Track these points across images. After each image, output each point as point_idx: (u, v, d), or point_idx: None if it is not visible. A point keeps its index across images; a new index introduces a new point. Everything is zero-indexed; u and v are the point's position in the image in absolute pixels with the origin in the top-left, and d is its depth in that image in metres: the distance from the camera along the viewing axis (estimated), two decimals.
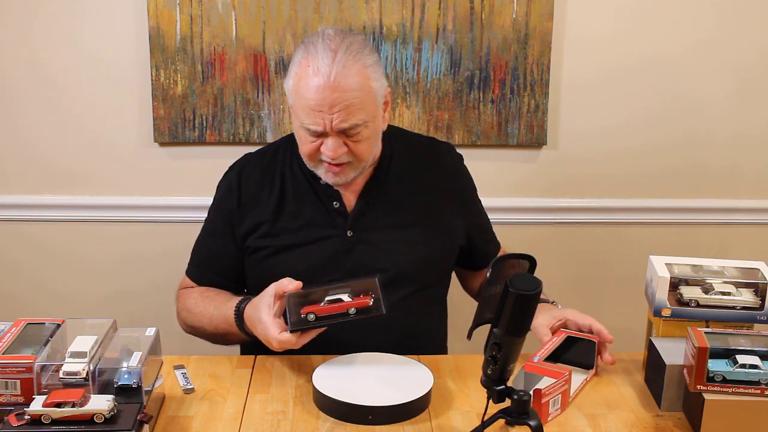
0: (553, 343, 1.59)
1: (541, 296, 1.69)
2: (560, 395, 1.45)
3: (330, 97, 1.58)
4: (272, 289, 1.54)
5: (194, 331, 1.78)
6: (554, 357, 1.57)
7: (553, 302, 1.75)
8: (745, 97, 2.33)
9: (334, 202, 1.75)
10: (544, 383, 1.43)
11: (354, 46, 1.61)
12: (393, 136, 1.81)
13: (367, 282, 1.55)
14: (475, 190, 1.90)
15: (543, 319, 1.65)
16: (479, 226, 1.90)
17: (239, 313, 1.64)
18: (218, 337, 1.74)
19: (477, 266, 1.92)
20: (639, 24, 2.26)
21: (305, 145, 1.67)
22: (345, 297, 1.53)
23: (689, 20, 2.27)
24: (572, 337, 1.62)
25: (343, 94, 1.58)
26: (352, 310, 1.52)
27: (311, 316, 1.50)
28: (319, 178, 1.75)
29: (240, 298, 1.67)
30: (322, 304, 1.51)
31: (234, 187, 1.79)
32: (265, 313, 1.53)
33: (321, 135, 1.63)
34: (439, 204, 1.80)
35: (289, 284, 1.53)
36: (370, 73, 1.62)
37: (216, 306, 1.72)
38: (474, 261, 1.90)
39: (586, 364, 1.61)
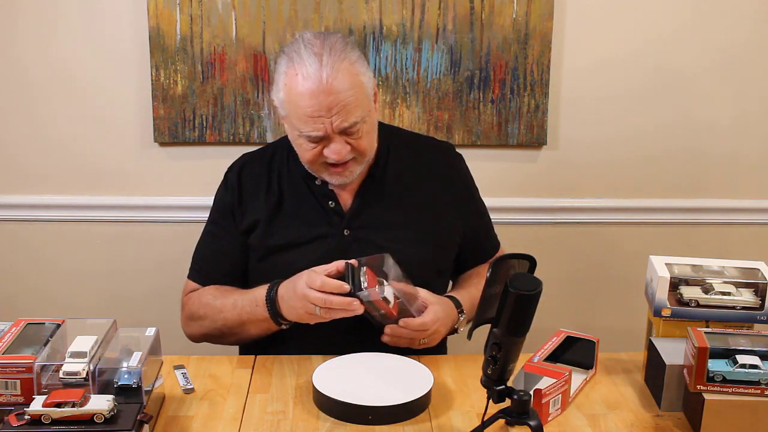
0: (553, 343, 1.59)
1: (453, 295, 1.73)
2: (560, 395, 1.45)
3: (326, 101, 1.58)
4: (322, 266, 1.57)
5: (212, 325, 1.74)
6: (554, 357, 1.57)
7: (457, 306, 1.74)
8: (745, 97, 2.33)
9: (330, 202, 1.75)
10: (544, 383, 1.43)
11: (337, 46, 1.61)
12: (389, 134, 1.82)
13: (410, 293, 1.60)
14: (476, 189, 1.89)
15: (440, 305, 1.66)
16: (479, 225, 1.89)
17: (272, 289, 1.64)
18: (237, 327, 1.71)
19: (470, 264, 1.90)
20: (639, 24, 2.26)
21: (306, 153, 1.67)
22: (392, 300, 1.56)
23: (691, 19, 2.27)
24: (572, 337, 1.62)
25: (338, 95, 1.58)
26: (381, 313, 1.56)
27: (365, 293, 1.52)
28: (314, 179, 1.75)
29: (275, 281, 1.67)
30: (380, 296, 1.53)
31: (234, 185, 1.80)
32: (308, 271, 1.57)
33: (322, 140, 1.63)
34: (436, 202, 1.80)
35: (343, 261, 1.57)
36: (358, 69, 1.63)
37: (241, 293, 1.71)
38: (470, 260, 1.89)
39: (586, 364, 1.61)
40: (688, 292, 1.56)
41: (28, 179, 2.31)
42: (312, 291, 1.54)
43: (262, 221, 1.76)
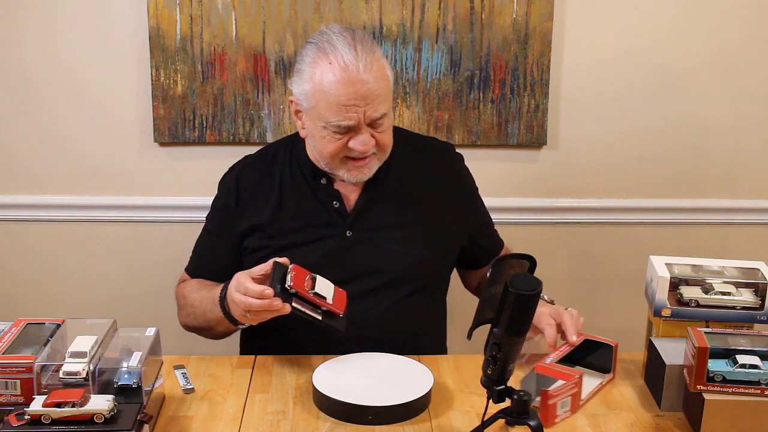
0: (568, 346, 1.58)
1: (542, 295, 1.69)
2: (570, 398, 1.44)
3: (362, 90, 1.58)
4: (262, 264, 1.54)
5: (188, 318, 1.77)
6: (572, 360, 1.56)
7: (551, 301, 1.74)
8: (745, 97, 2.33)
9: (334, 202, 1.74)
10: (553, 385, 1.42)
11: (366, 40, 1.63)
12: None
13: (341, 294, 1.57)
14: (476, 188, 1.90)
15: (547, 308, 1.63)
16: (481, 225, 1.90)
17: (222, 291, 1.63)
18: (205, 324, 1.72)
19: (479, 264, 1.92)
20: (639, 23, 2.26)
21: (331, 145, 1.65)
22: (329, 298, 1.53)
23: (691, 21, 2.26)
24: (590, 340, 1.62)
25: (373, 84, 1.60)
26: (322, 311, 1.52)
27: (293, 291, 1.49)
28: (319, 179, 1.75)
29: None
30: (310, 292, 1.51)
31: (232, 188, 1.79)
32: (243, 272, 1.55)
33: (349, 131, 1.63)
34: (439, 203, 1.80)
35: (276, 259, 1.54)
36: (385, 63, 1.65)
37: (209, 289, 1.71)
38: (476, 259, 1.90)
39: (604, 368, 1.60)
40: (688, 292, 1.56)
41: (29, 179, 2.30)
42: (237, 295, 1.52)
43: (263, 223, 1.75)
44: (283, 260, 1.54)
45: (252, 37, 2.19)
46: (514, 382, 1.38)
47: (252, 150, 1.89)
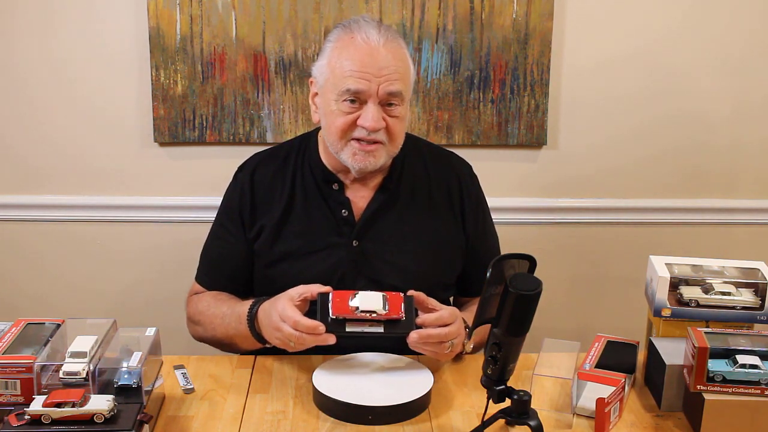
0: (596, 348, 1.57)
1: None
2: (618, 403, 1.43)
3: (379, 59, 1.59)
4: (301, 288, 1.50)
5: (204, 333, 1.74)
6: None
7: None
8: (745, 97, 2.33)
9: (343, 210, 1.72)
10: (604, 392, 1.40)
11: (392, 30, 1.66)
12: (406, 144, 1.74)
13: (396, 297, 1.51)
14: (489, 214, 1.86)
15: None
16: (484, 247, 1.83)
17: (253, 308, 1.59)
18: (227, 340, 1.69)
19: (469, 286, 1.84)
20: (639, 23, 2.26)
21: (340, 119, 1.62)
22: (379, 308, 1.47)
23: (691, 21, 2.27)
24: (612, 341, 1.61)
25: (391, 61, 1.60)
26: (383, 322, 1.47)
27: (341, 319, 1.46)
28: (331, 184, 1.72)
29: (258, 298, 1.62)
30: (356, 311, 1.46)
31: (247, 188, 1.75)
32: (284, 299, 1.49)
33: (359, 101, 1.61)
34: (446, 218, 1.77)
35: (319, 288, 1.50)
36: (407, 54, 1.66)
37: (230, 305, 1.68)
38: (468, 277, 1.83)
39: (627, 368, 1.57)
40: (688, 292, 1.56)
41: (28, 179, 2.31)
42: (285, 326, 1.47)
43: (272, 226, 1.72)
44: (326, 289, 1.50)
45: (252, 37, 2.19)
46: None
47: (252, 150, 1.88)
